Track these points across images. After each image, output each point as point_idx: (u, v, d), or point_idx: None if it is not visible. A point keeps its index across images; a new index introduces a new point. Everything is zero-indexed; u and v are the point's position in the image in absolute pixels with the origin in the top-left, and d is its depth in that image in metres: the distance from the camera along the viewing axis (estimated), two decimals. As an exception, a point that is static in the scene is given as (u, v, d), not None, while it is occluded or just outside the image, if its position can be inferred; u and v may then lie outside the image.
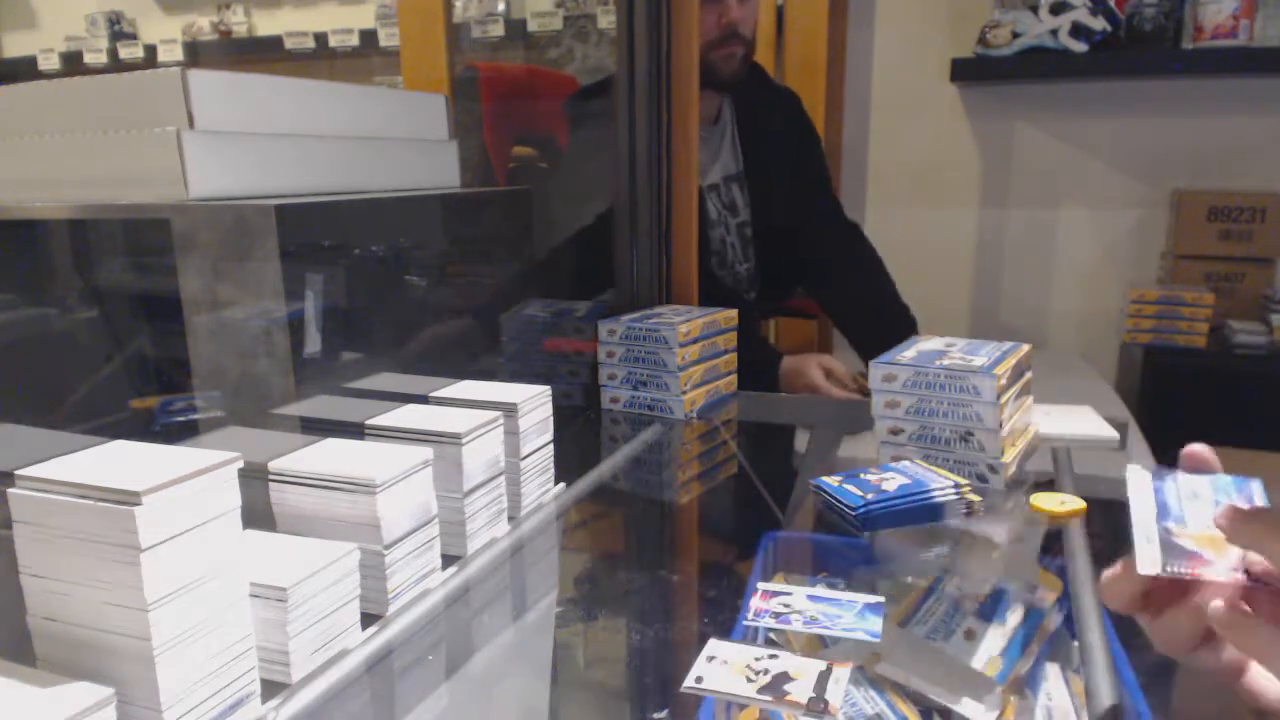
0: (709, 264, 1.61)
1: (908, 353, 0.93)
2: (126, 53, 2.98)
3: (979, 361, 0.89)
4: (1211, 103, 1.99)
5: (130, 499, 0.47)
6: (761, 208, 1.69)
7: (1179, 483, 0.51)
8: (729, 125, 1.65)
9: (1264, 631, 0.40)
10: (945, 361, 0.89)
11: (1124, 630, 0.59)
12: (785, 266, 1.73)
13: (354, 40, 2.72)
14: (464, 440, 0.71)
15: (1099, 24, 1.89)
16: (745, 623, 0.58)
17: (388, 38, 2.64)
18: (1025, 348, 0.96)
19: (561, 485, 0.87)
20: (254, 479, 0.65)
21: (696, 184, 1.34)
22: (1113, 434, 1.04)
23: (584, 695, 0.66)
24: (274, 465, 0.67)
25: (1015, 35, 1.95)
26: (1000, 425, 0.87)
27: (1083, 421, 1.09)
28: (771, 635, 0.65)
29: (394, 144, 1.11)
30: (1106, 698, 0.53)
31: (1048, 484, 0.96)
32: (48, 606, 0.50)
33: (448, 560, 0.71)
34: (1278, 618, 0.42)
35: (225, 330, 0.83)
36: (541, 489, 0.84)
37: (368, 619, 0.63)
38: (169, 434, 0.89)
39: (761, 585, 0.61)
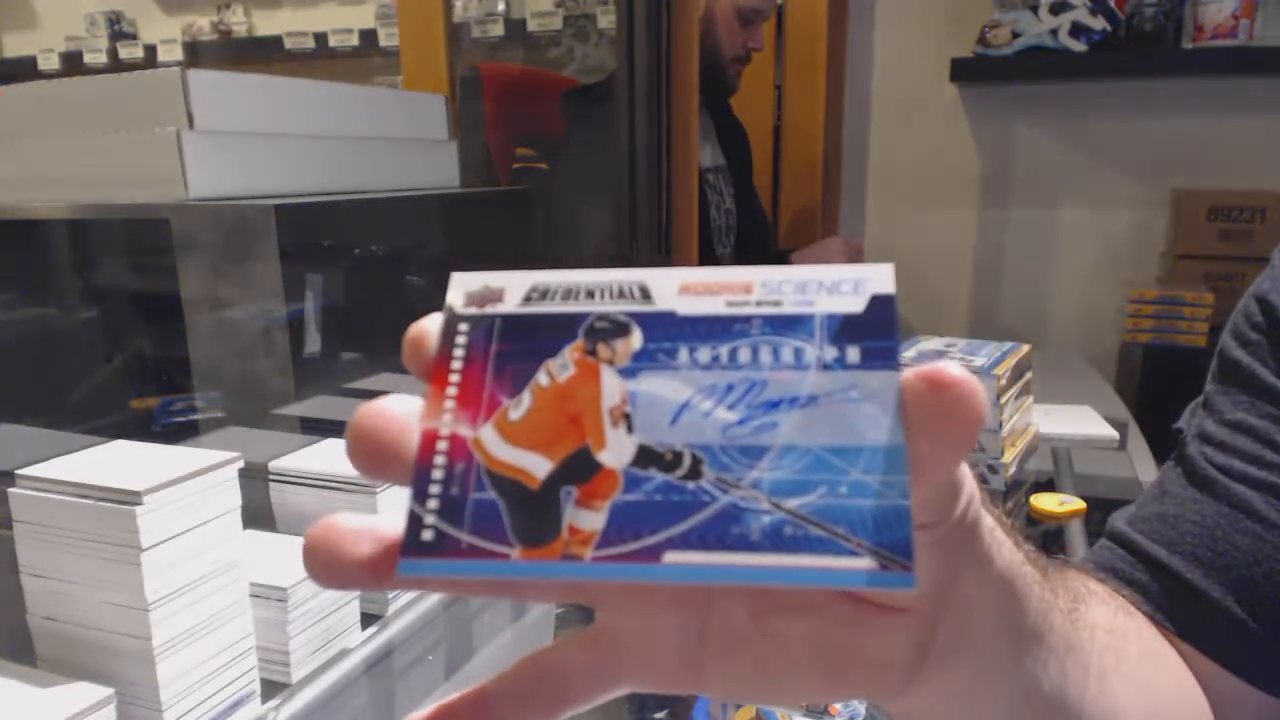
0: (711, 241, 1.66)
1: (908, 353, 0.93)
2: (126, 53, 2.97)
3: (979, 362, 0.89)
4: (1211, 103, 1.99)
5: (131, 499, 0.47)
6: (742, 202, 1.78)
7: None
8: (710, 122, 1.71)
9: None
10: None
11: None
12: (755, 263, 1.79)
13: (354, 40, 2.71)
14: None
15: (1099, 24, 1.89)
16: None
17: (388, 38, 2.63)
18: (1025, 348, 0.96)
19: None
20: (254, 479, 0.65)
21: (696, 182, 1.34)
22: (1113, 434, 1.04)
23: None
24: (274, 465, 0.67)
25: (1015, 35, 1.95)
26: (1000, 425, 0.87)
27: (1083, 421, 1.09)
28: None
29: (393, 144, 1.11)
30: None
31: (1048, 484, 0.96)
32: (48, 606, 0.51)
33: (448, 560, 0.70)
34: None
35: (225, 330, 0.83)
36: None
37: (368, 619, 0.63)
38: (169, 434, 0.89)
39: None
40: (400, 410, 0.20)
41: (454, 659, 0.66)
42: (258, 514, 0.66)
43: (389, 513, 0.54)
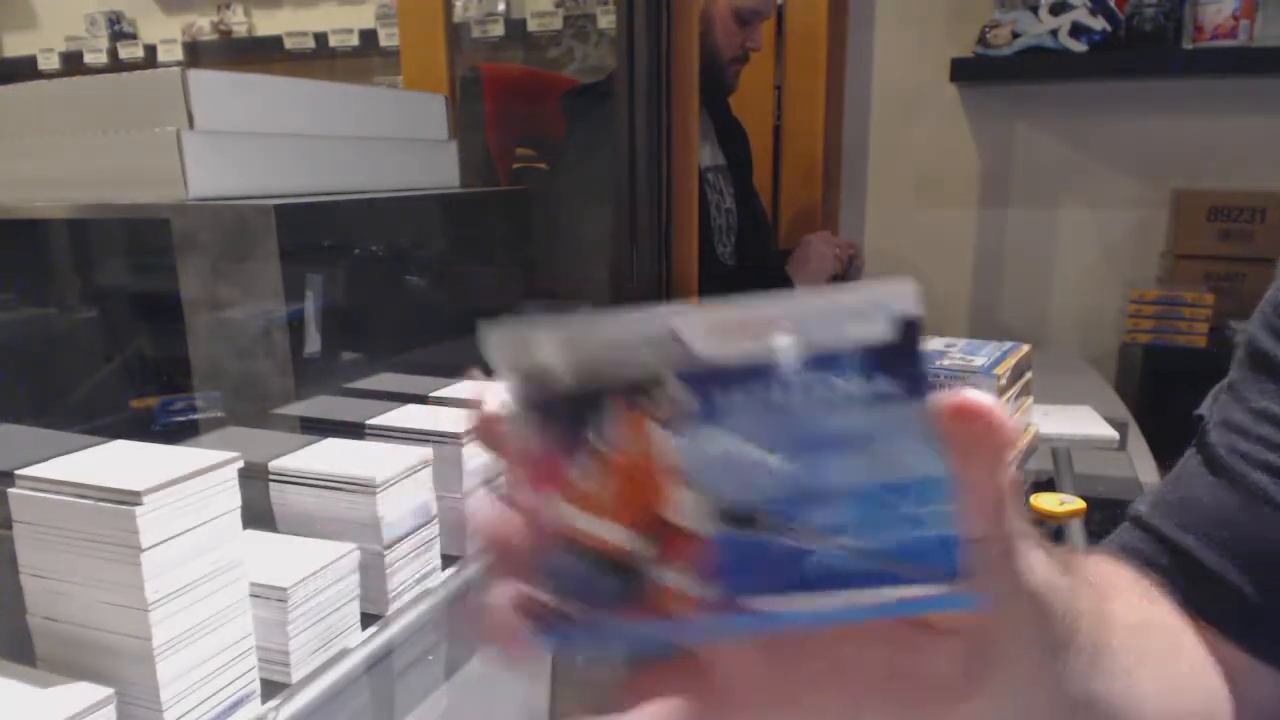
0: (711, 241, 1.66)
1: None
2: (126, 53, 2.97)
3: (979, 362, 0.89)
4: (1211, 103, 1.99)
5: (131, 499, 0.47)
6: (742, 202, 1.78)
7: None
8: (709, 121, 1.72)
9: None
10: (945, 362, 0.89)
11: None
12: (755, 262, 1.79)
13: (354, 40, 2.71)
14: (464, 440, 0.71)
15: (1099, 24, 1.89)
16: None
17: (388, 38, 2.63)
18: (1025, 348, 0.96)
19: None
20: (254, 479, 0.65)
21: (696, 182, 1.34)
22: (1113, 434, 1.04)
23: (584, 695, 0.65)
24: (274, 465, 0.67)
25: (1015, 35, 1.95)
26: (1000, 425, 0.87)
27: (1083, 421, 1.09)
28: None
29: (393, 144, 1.11)
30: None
31: (1048, 484, 0.96)
32: (48, 606, 0.50)
33: (447, 560, 0.71)
34: None
35: (225, 330, 0.83)
36: (541, 489, 0.83)
37: (368, 619, 0.63)
38: (169, 434, 0.89)
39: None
40: (495, 510, 0.22)
41: (454, 659, 0.65)
42: (258, 514, 0.66)
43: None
